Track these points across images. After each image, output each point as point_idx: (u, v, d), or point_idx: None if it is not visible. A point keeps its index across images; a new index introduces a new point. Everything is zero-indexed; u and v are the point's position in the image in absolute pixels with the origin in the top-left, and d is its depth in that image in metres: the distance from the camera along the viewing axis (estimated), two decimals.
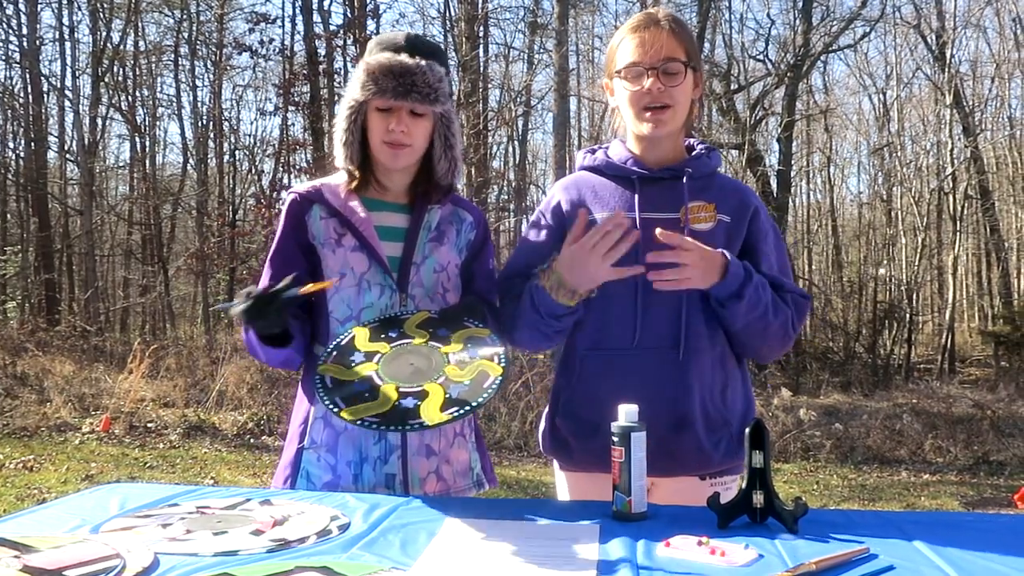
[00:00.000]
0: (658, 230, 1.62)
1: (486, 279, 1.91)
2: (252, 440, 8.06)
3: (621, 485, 1.42)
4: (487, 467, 1.92)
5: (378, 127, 1.74)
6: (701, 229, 1.76)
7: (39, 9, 16.11)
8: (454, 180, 1.85)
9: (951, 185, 17.01)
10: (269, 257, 1.82)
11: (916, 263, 17.02)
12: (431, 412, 1.46)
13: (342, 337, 1.69)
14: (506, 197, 18.29)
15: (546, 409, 1.92)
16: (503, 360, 1.55)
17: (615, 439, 1.42)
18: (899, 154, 19.33)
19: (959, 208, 16.96)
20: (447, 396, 1.49)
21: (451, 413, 1.46)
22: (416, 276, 1.78)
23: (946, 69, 16.63)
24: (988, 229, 19.42)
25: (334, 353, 1.65)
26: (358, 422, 1.47)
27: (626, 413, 1.43)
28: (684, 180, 1.79)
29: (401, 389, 1.52)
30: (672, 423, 1.73)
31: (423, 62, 1.70)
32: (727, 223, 1.79)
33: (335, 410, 1.50)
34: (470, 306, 1.73)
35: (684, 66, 1.75)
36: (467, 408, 1.47)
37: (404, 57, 1.70)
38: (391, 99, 1.70)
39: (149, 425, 8.40)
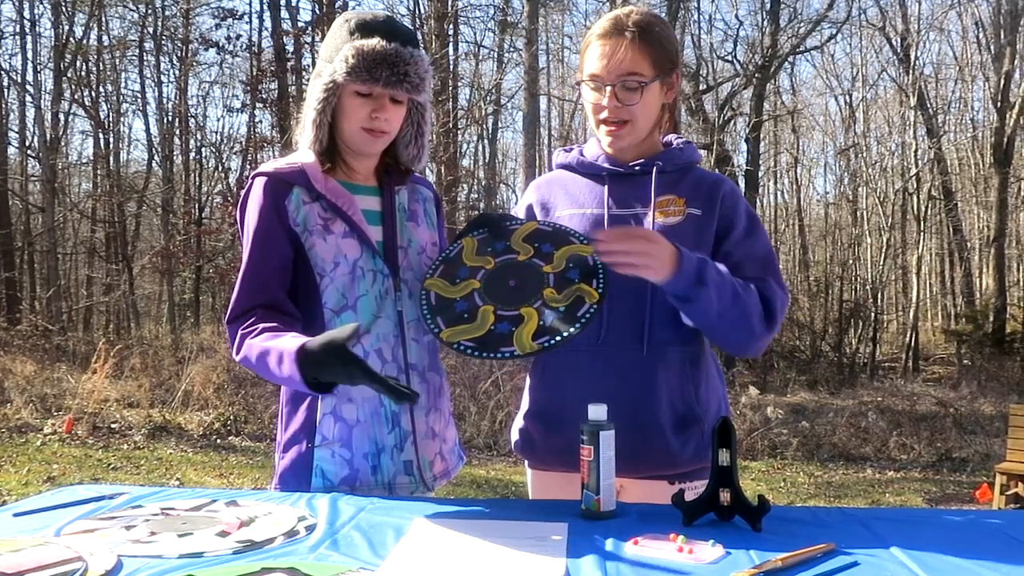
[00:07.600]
0: (597, 231, 1.62)
1: None
2: (219, 441, 7.96)
3: (590, 484, 1.42)
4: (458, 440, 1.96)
5: (358, 112, 1.68)
6: (668, 223, 1.72)
7: None
8: (417, 167, 1.84)
9: (915, 186, 17.31)
10: (251, 240, 1.66)
11: (881, 263, 17.28)
12: (523, 340, 1.51)
13: (451, 248, 1.73)
14: (476, 196, 18.34)
15: (521, 409, 1.92)
16: (601, 285, 1.58)
17: (584, 438, 1.42)
18: (865, 155, 19.63)
19: (923, 208, 17.26)
20: (540, 323, 1.53)
21: (541, 343, 1.50)
22: (405, 260, 1.74)
23: (911, 71, 16.91)
24: (951, 229, 19.77)
25: (441, 266, 1.69)
26: (455, 345, 1.53)
27: (595, 412, 1.43)
28: (653, 174, 1.77)
29: (498, 312, 1.57)
30: (637, 421, 1.69)
31: (414, 51, 1.67)
32: (697, 216, 1.74)
33: (435, 331, 1.55)
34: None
35: (644, 82, 1.71)
36: (558, 339, 1.50)
37: (397, 45, 1.65)
38: (381, 87, 1.65)
39: (113, 426, 8.29)
